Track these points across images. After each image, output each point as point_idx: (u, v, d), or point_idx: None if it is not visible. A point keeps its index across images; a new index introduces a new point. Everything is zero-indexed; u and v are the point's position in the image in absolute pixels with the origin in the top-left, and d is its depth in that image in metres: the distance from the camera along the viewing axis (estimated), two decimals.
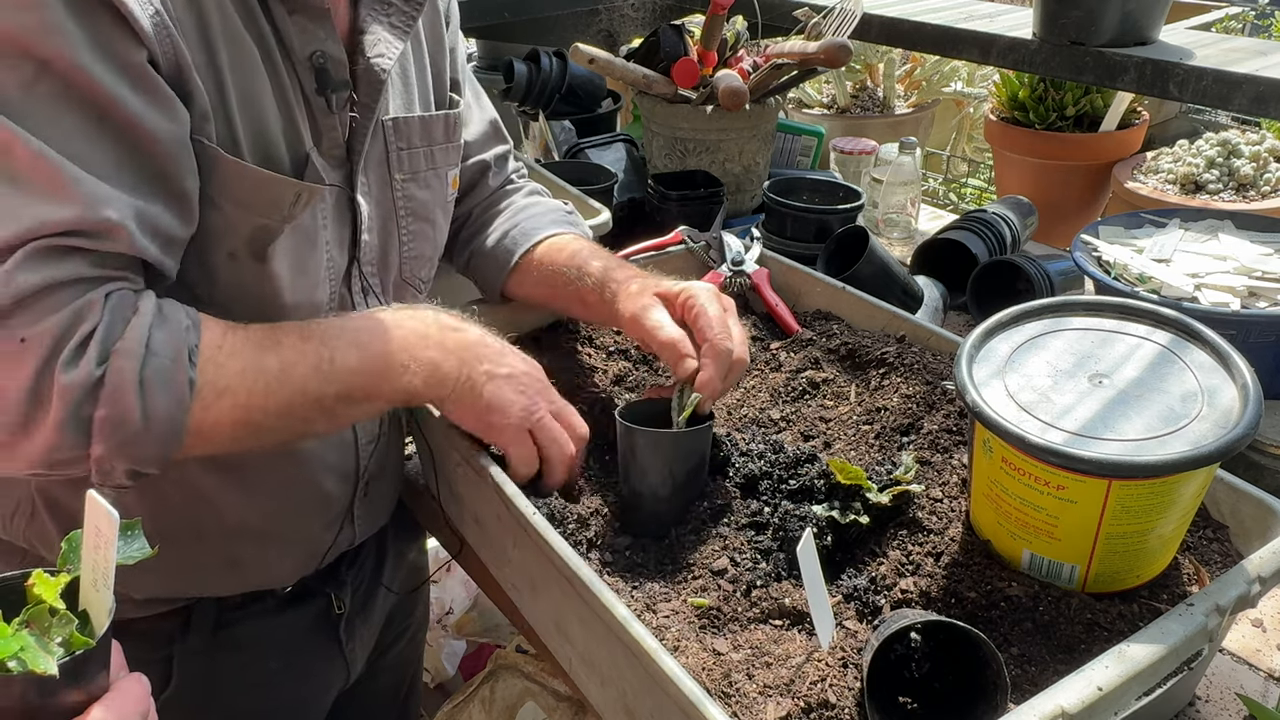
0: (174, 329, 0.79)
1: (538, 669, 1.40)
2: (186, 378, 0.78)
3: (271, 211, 0.87)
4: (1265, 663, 0.95)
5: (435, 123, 1.05)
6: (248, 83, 0.85)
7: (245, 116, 0.85)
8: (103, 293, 0.77)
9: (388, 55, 0.95)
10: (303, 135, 0.90)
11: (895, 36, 1.92)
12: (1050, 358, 0.82)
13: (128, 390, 0.75)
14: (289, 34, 0.88)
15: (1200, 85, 1.49)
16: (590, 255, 1.13)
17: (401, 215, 1.03)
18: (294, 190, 0.87)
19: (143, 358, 0.76)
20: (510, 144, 1.28)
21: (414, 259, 1.06)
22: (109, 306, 0.77)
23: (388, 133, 1.00)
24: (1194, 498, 0.76)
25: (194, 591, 1.04)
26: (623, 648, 0.75)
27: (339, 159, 0.95)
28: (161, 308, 0.80)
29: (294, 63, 0.89)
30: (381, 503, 1.16)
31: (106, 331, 0.76)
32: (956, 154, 2.86)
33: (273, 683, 1.13)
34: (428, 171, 1.05)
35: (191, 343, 0.79)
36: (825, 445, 1.03)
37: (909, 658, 0.76)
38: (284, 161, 0.89)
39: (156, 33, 0.77)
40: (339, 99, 0.92)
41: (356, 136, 0.95)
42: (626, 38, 2.48)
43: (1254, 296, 1.23)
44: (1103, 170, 1.91)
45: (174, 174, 0.80)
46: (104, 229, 0.76)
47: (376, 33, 0.95)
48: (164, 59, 0.78)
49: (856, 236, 1.48)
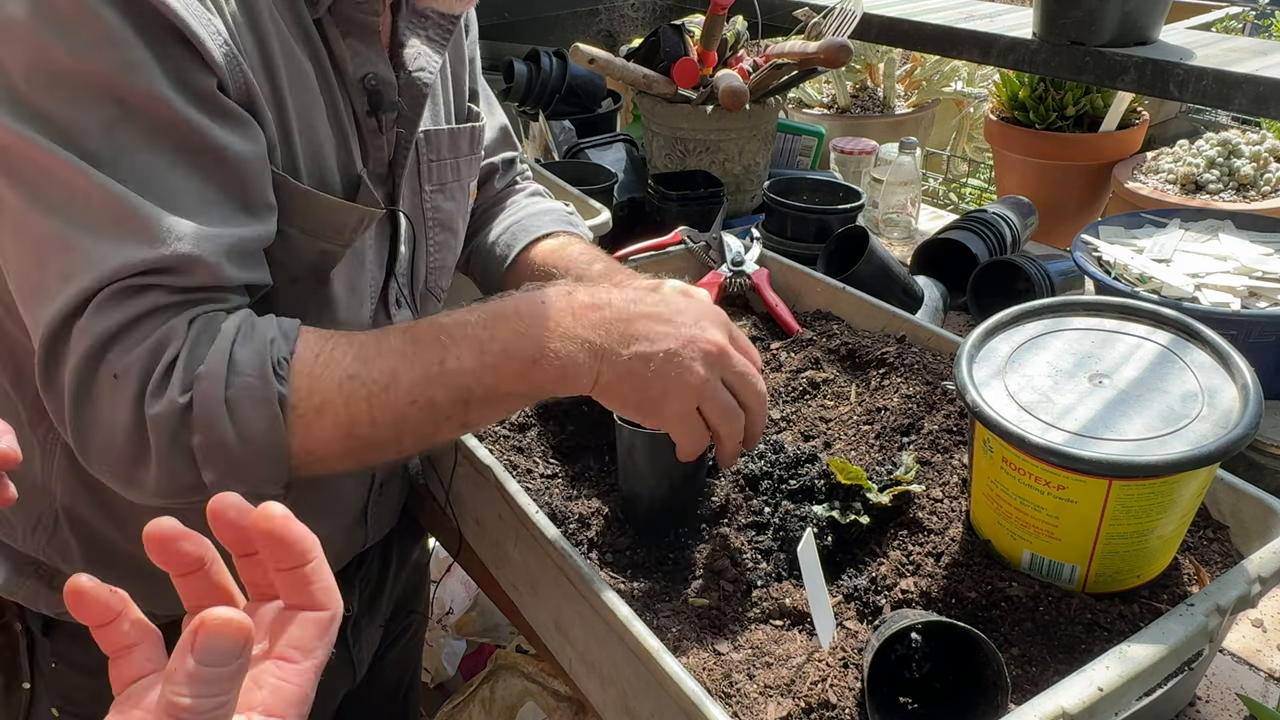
0: (259, 344, 0.75)
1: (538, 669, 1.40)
2: (274, 393, 0.74)
3: (336, 237, 0.86)
4: (1265, 663, 0.95)
5: (462, 135, 1.06)
6: (306, 108, 0.84)
7: (304, 141, 0.85)
8: (186, 318, 0.75)
9: (429, 69, 0.95)
10: (354, 157, 0.90)
11: (895, 36, 1.92)
12: (1050, 358, 0.82)
13: (216, 413, 0.73)
14: (343, 57, 0.87)
15: (1200, 85, 1.49)
16: (587, 260, 1.13)
17: (430, 227, 1.04)
18: (357, 215, 0.87)
19: (225, 378, 0.73)
20: (519, 149, 1.29)
21: (438, 269, 1.07)
22: (193, 332, 0.74)
23: (420, 146, 1.00)
24: (1194, 498, 0.76)
25: None
26: (623, 648, 0.75)
27: (383, 176, 0.95)
28: (253, 323, 0.76)
29: (347, 85, 0.88)
30: (391, 504, 1.16)
31: (189, 357, 0.73)
32: (956, 154, 2.86)
33: None
34: (453, 183, 1.06)
35: (279, 355, 0.75)
36: (825, 445, 1.03)
37: (909, 658, 0.76)
38: (337, 184, 0.88)
39: (227, 63, 0.76)
40: (389, 119, 0.91)
41: (399, 152, 0.95)
42: (626, 38, 2.48)
43: (1254, 296, 1.23)
44: (1103, 170, 1.91)
45: (263, 194, 0.80)
46: (182, 264, 0.74)
47: (416, 46, 0.94)
48: (234, 87, 0.77)
49: (856, 236, 1.48)
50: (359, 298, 0.94)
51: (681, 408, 0.80)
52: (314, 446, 0.76)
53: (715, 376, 0.81)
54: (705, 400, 0.80)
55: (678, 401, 0.80)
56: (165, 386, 0.72)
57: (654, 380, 0.79)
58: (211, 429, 0.73)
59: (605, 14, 2.43)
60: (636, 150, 1.93)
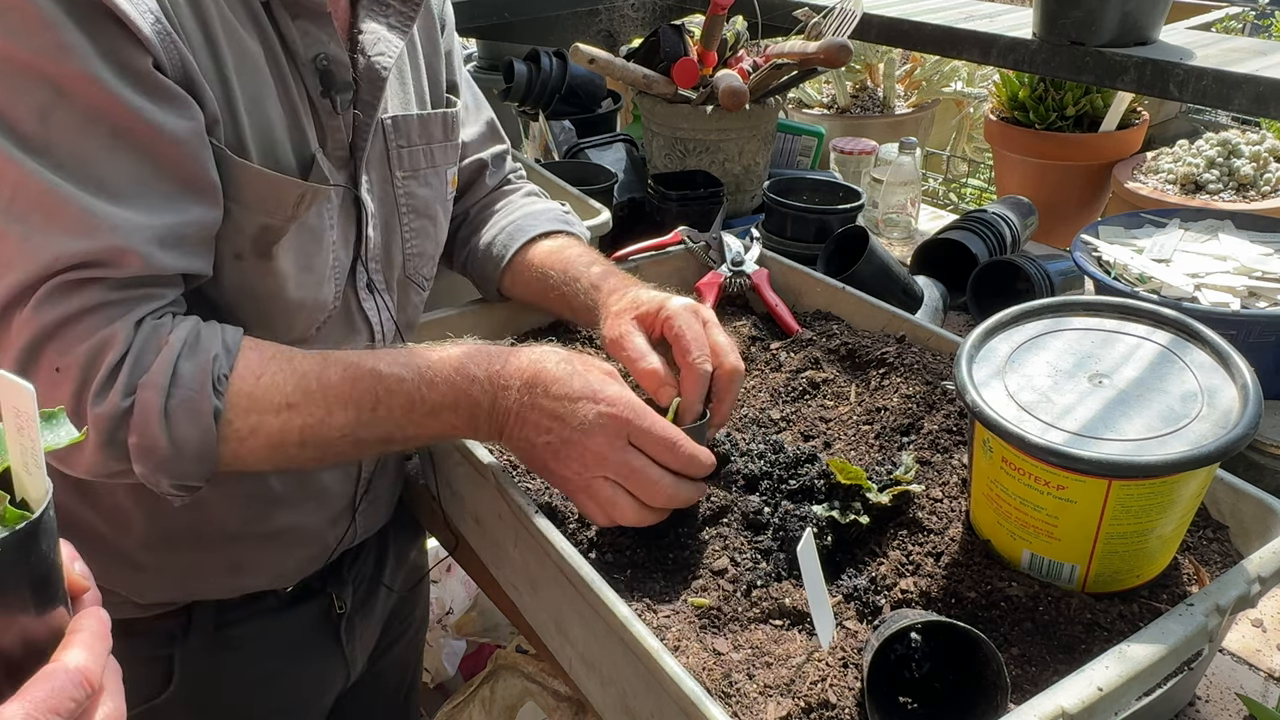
0: (202, 359, 0.80)
1: (538, 669, 1.40)
2: (210, 408, 0.79)
3: (276, 211, 0.87)
4: (1265, 663, 0.95)
5: (433, 121, 1.06)
6: (253, 86, 0.86)
7: (252, 119, 0.86)
8: (131, 320, 0.78)
9: (388, 54, 0.96)
10: (308, 137, 0.91)
11: (895, 36, 1.92)
12: (1050, 358, 0.82)
13: (154, 420, 0.78)
14: (293, 38, 0.88)
15: (1200, 85, 1.49)
16: (583, 262, 1.13)
17: (404, 212, 1.04)
18: (298, 190, 0.88)
19: (167, 389, 0.78)
20: (507, 144, 1.29)
21: (416, 256, 1.07)
22: (140, 336, 0.78)
23: (387, 131, 1.00)
24: (1194, 498, 0.76)
25: (197, 594, 1.04)
26: (623, 647, 0.75)
27: (343, 159, 0.96)
28: (199, 334, 0.81)
29: (298, 65, 0.89)
30: (382, 500, 1.16)
31: (135, 362, 0.78)
32: (956, 154, 2.86)
33: (274, 682, 1.13)
34: (427, 169, 1.06)
35: (220, 371, 0.81)
36: (825, 445, 1.03)
37: (909, 658, 0.76)
38: (290, 163, 0.89)
39: (160, 39, 0.77)
40: (343, 100, 0.92)
41: (359, 135, 0.96)
42: (626, 38, 2.48)
43: (1254, 296, 1.23)
44: (1103, 170, 1.91)
45: (200, 174, 0.81)
46: (116, 256, 0.77)
47: (376, 32, 0.96)
48: (170, 64, 0.78)
49: (856, 236, 1.48)
50: (316, 277, 0.93)
51: (578, 479, 0.84)
52: (242, 455, 0.83)
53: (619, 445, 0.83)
54: (608, 469, 0.83)
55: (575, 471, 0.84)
56: (109, 389, 0.77)
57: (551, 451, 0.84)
58: (148, 432, 0.78)
59: (605, 14, 2.43)
60: (636, 150, 1.92)
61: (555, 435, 0.84)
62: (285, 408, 0.82)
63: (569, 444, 0.83)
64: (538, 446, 0.85)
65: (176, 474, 0.81)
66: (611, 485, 0.84)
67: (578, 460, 0.84)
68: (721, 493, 0.93)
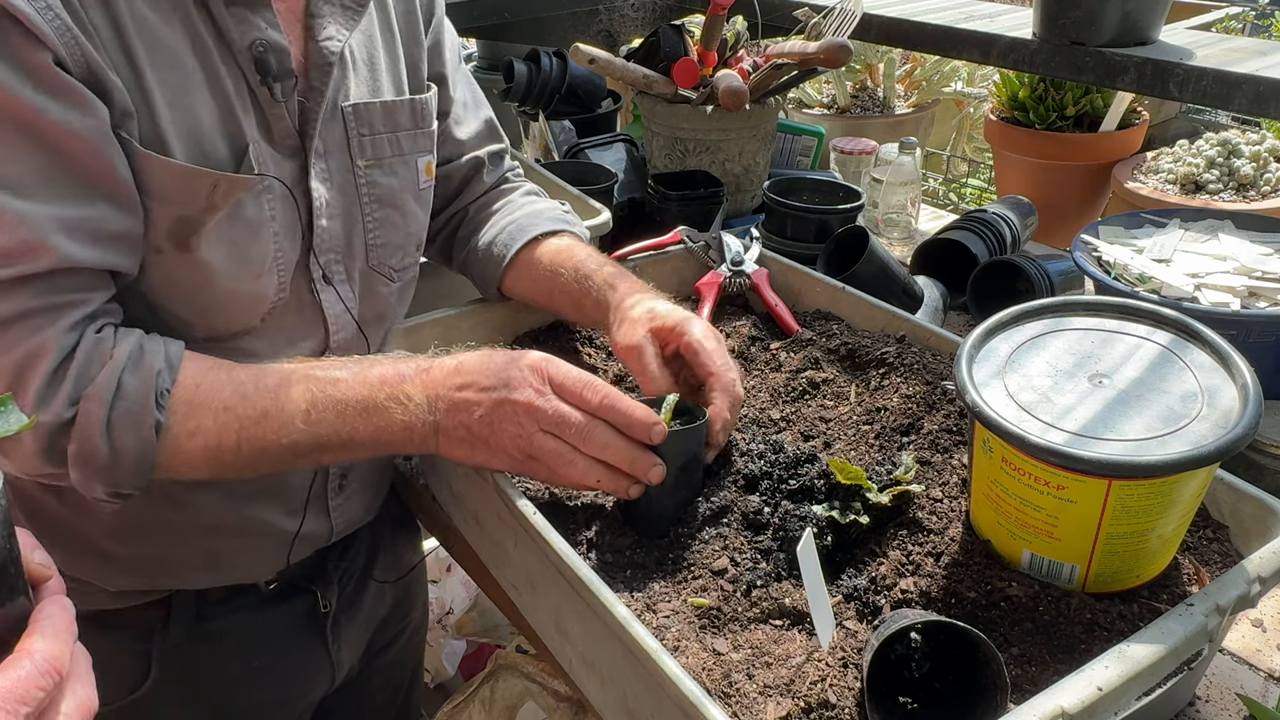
0: (146, 374, 0.83)
1: (538, 669, 1.40)
2: (153, 420, 0.82)
3: (189, 203, 0.86)
4: (1265, 663, 0.95)
5: (400, 108, 1.04)
6: (174, 78, 0.85)
7: (174, 112, 0.85)
8: (61, 327, 0.80)
9: (337, 38, 0.95)
10: (244, 127, 0.89)
11: (895, 36, 1.92)
12: (1050, 358, 0.82)
13: (94, 432, 0.81)
14: (227, 26, 0.87)
15: (1200, 85, 1.49)
16: (594, 262, 1.13)
17: (366, 202, 1.02)
18: (210, 180, 0.86)
19: (111, 402, 0.81)
20: (505, 142, 1.28)
21: (381, 246, 1.04)
22: (83, 348, 0.81)
23: (348, 118, 0.98)
24: (1194, 498, 0.76)
25: (170, 584, 1.04)
26: (623, 648, 0.75)
27: (293, 148, 0.94)
28: (142, 349, 0.83)
29: (235, 54, 0.88)
30: (361, 497, 1.14)
31: (79, 374, 0.80)
32: (956, 154, 2.86)
33: (254, 680, 1.12)
34: (393, 158, 1.04)
35: (163, 386, 0.83)
36: (825, 445, 1.03)
37: (909, 658, 0.76)
38: (222, 154, 0.88)
39: (60, 35, 0.77)
40: (284, 87, 0.91)
41: (308, 122, 0.94)
42: (626, 38, 2.48)
43: (1254, 296, 1.23)
44: (1103, 170, 1.91)
45: (106, 170, 0.81)
46: (26, 250, 0.77)
47: (328, 16, 0.95)
48: (72, 60, 0.78)
49: (856, 236, 1.48)
50: (253, 269, 0.92)
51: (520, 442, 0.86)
52: (179, 463, 0.85)
53: (546, 393, 0.86)
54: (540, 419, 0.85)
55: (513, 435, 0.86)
56: (51, 399, 0.80)
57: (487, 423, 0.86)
58: (88, 441, 0.81)
59: (605, 14, 2.43)
60: (636, 150, 1.92)
61: (484, 406, 0.86)
62: (222, 410, 0.85)
63: (499, 407, 0.86)
64: (474, 426, 0.87)
65: (111, 481, 0.83)
66: (555, 439, 0.85)
67: (511, 420, 0.85)
68: (721, 493, 0.93)
